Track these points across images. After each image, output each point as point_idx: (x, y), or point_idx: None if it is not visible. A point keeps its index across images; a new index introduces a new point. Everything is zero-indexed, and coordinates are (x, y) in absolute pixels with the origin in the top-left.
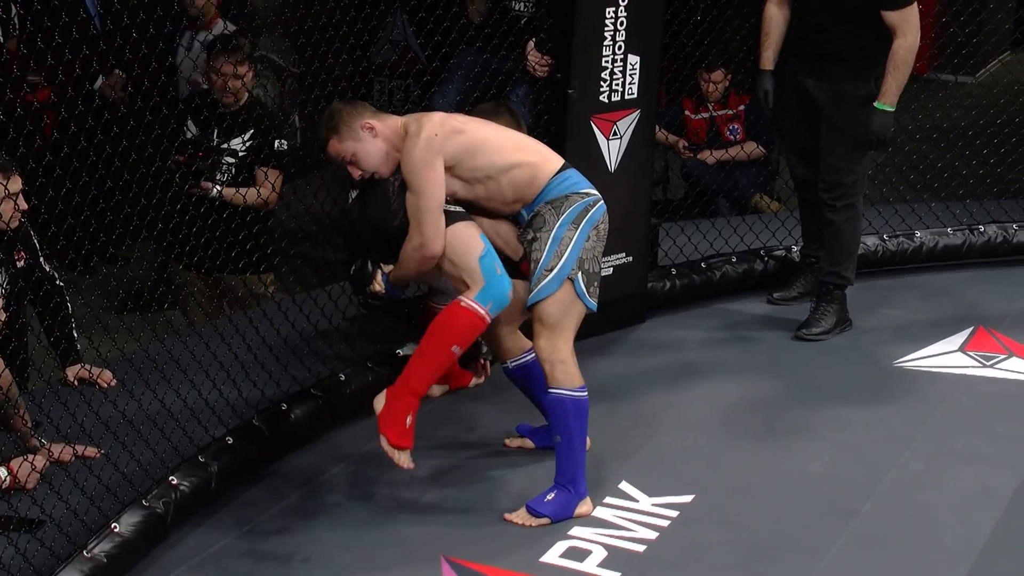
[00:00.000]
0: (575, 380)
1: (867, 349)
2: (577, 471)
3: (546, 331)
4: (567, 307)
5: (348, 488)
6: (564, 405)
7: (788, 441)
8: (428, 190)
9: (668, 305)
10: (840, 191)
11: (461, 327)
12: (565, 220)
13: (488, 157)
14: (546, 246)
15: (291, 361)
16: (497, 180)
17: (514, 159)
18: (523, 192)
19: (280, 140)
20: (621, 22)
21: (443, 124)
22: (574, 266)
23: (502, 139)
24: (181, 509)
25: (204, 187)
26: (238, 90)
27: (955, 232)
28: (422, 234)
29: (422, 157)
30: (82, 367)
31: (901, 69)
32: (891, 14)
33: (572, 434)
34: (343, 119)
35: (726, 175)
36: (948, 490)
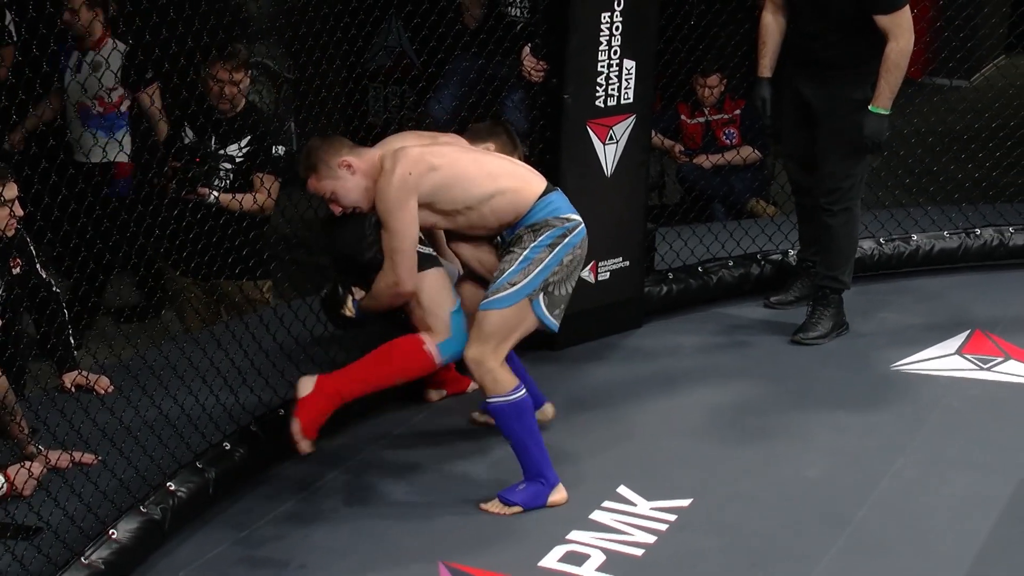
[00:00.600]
0: (507, 384)
1: (864, 353)
2: (540, 464)
3: (479, 340)
4: (512, 324)
5: (345, 494)
6: (503, 411)
7: (784, 446)
8: (402, 230)
9: (665, 310)
10: (837, 195)
11: (416, 366)
12: (542, 242)
13: (465, 189)
14: (516, 261)
15: (287, 367)
16: (478, 209)
17: (492, 188)
18: (504, 219)
19: (277, 146)
20: (616, 27)
21: (418, 162)
22: (537, 287)
23: (479, 168)
24: (179, 515)
25: (200, 193)
26: (234, 96)
27: (951, 236)
28: (396, 274)
29: (396, 196)
30: (79, 373)
31: (894, 72)
32: (883, 18)
33: (520, 435)
34: (320, 158)
35: (722, 180)
36: (943, 496)
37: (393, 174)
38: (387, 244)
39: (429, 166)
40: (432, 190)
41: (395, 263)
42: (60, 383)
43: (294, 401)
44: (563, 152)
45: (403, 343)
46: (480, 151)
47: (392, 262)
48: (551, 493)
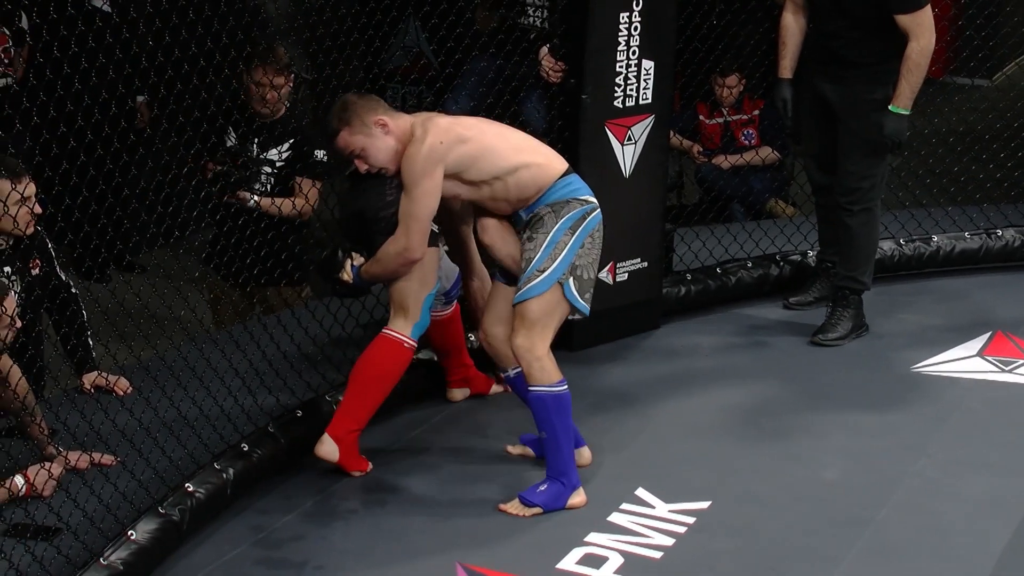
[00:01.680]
0: (553, 376)
1: (884, 354)
2: (566, 464)
3: (525, 329)
4: (551, 309)
5: (362, 495)
6: (544, 402)
7: (803, 448)
8: (423, 198)
9: (683, 310)
10: (857, 196)
11: (402, 363)
12: (563, 224)
13: (493, 161)
14: (541, 247)
15: (305, 368)
16: (504, 180)
17: (519, 160)
18: (527, 192)
19: (317, 151)
20: (635, 27)
21: (448, 131)
22: (566, 271)
23: (507, 140)
24: (197, 516)
25: (241, 197)
26: (275, 102)
27: (972, 236)
28: (408, 239)
29: (424, 164)
30: (98, 374)
31: (915, 72)
32: (904, 18)
33: (556, 430)
34: (356, 112)
35: (740, 180)
36: (964, 498)
37: (424, 142)
38: (405, 209)
39: (459, 137)
40: (460, 161)
41: (409, 229)
42: (79, 384)
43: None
44: (581, 152)
45: (382, 350)
46: (505, 126)
47: (407, 227)
48: (572, 495)
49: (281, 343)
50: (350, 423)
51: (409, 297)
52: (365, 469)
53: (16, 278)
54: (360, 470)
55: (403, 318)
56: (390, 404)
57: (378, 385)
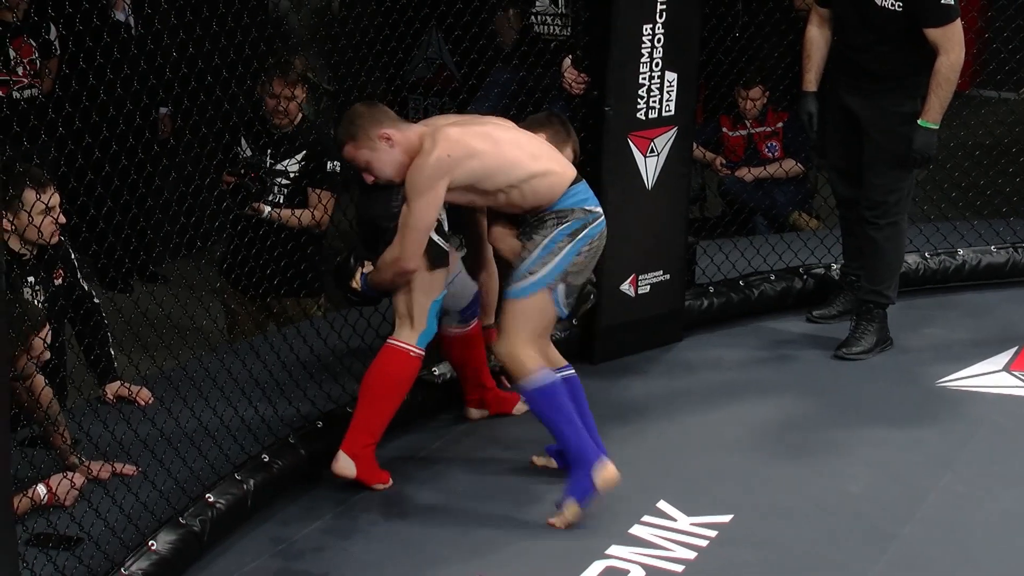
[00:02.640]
0: (534, 371)
1: (908, 369)
2: (579, 445)
3: (507, 333)
4: (535, 313)
5: (383, 507)
6: (533, 398)
7: (827, 462)
8: (422, 211)
9: (705, 324)
10: (882, 209)
11: (409, 373)
12: (563, 230)
13: (509, 172)
14: (537, 249)
15: (326, 379)
16: (520, 188)
17: (536, 168)
18: (540, 200)
19: (333, 162)
20: (658, 39)
21: (458, 143)
22: (556, 277)
23: (522, 148)
24: (217, 527)
25: (257, 209)
26: (292, 112)
27: (998, 250)
28: (403, 249)
29: (428, 177)
30: (121, 385)
31: (944, 87)
32: (934, 31)
33: (553, 419)
34: (361, 126)
35: (764, 193)
36: (990, 513)
37: (431, 155)
38: (403, 219)
39: (468, 152)
40: (471, 174)
41: (404, 239)
42: (102, 394)
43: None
44: (604, 164)
45: (389, 361)
46: (522, 131)
47: (402, 237)
48: (595, 473)
49: (300, 354)
50: (365, 437)
51: (413, 306)
52: (386, 481)
53: (40, 288)
54: (381, 482)
55: (408, 327)
56: (409, 417)
57: (388, 396)
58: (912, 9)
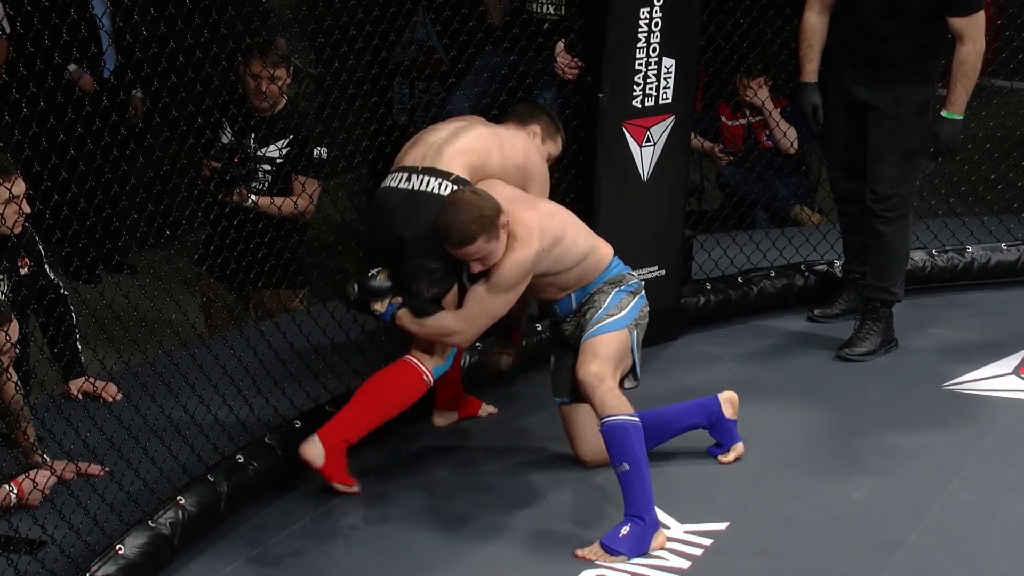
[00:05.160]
0: (628, 405)
1: (914, 371)
2: (647, 500)
3: (599, 361)
4: (620, 349)
5: (364, 511)
6: (627, 431)
7: (829, 467)
8: (509, 301)
9: (703, 321)
10: (892, 202)
11: (415, 395)
12: (623, 290)
13: (571, 256)
14: (605, 302)
15: (305, 376)
16: (577, 268)
17: (589, 245)
18: (586, 278)
19: (319, 148)
20: (655, 23)
21: (545, 233)
22: (633, 320)
23: (578, 226)
24: (189, 530)
25: (240, 195)
26: (274, 95)
27: (1009, 248)
28: (466, 330)
29: (527, 270)
30: (86, 380)
31: (970, 76)
32: (959, 20)
33: (639, 460)
34: (490, 216)
35: (764, 185)
36: (999, 522)
37: (531, 246)
38: (483, 303)
39: (555, 239)
40: (551, 263)
41: (474, 322)
42: (66, 390)
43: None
44: (598, 154)
45: (400, 375)
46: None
47: (471, 319)
48: (655, 536)
49: (279, 349)
50: (345, 432)
51: (439, 343)
52: (351, 485)
53: (3, 277)
54: (345, 485)
55: (430, 356)
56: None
57: (386, 406)
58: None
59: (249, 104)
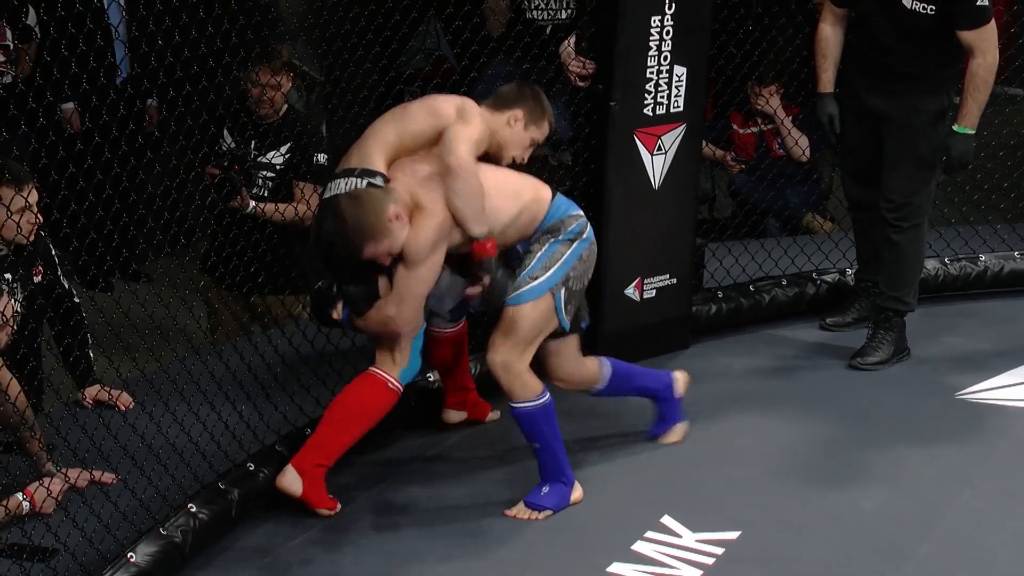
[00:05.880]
0: (535, 389)
1: (927, 380)
2: (561, 464)
3: (509, 343)
4: (539, 321)
5: (374, 519)
6: (534, 417)
7: (840, 477)
8: (425, 275)
9: (714, 330)
10: (907, 211)
11: (384, 406)
12: (561, 239)
13: (497, 218)
14: (535, 257)
15: (314, 384)
16: (505, 232)
17: (519, 206)
18: (526, 232)
19: (319, 154)
20: (667, 31)
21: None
22: (558, 281)
23: (504, 189)
24: (199, 538)
25: (242, 199)
26: (276, 102)
27: (1022, 256)
28: (400, 313)
29: (433, 241)
30: (100, 388)
31: (982, 89)
32: (968, 34)
33: (547, 438)
34: (372, 223)
35: (776, 193)
36: (1012, 532)
37: (431, 221)
38: (404, 284)
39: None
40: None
41: (404, 303)
42: (80, 398)
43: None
44: (609, 163)
45: (364, 388)
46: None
47: (401, 300)
48: (572, 492)
49: (287, 356)
50: (318, 457)
51: (397, 343)
52: (333, 508)
53: (18, 285)
54: (328, 508)
55: (389, 361)
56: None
57: (353, 422)
58: (946, 11)
59: (251, 111)
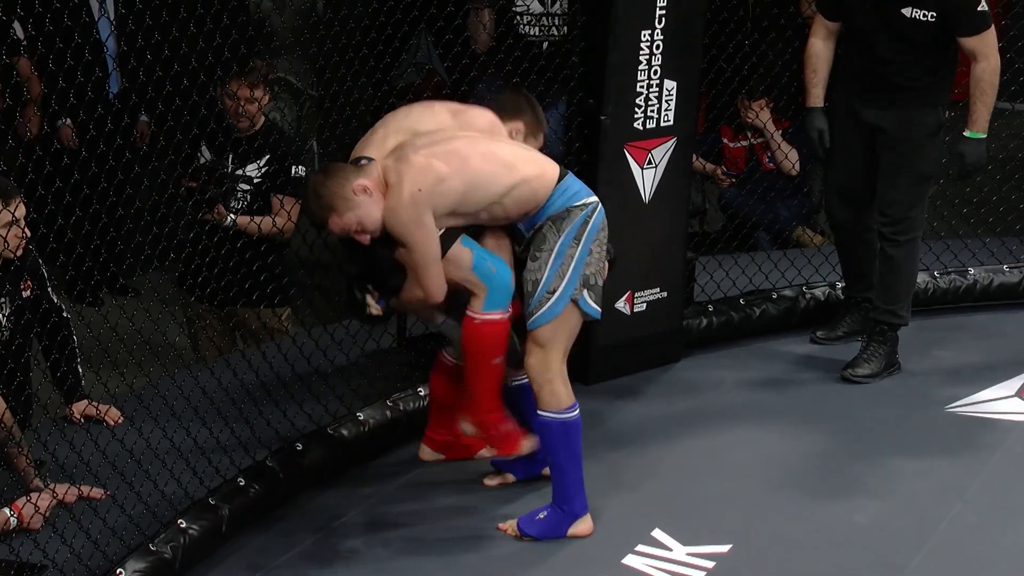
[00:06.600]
0: (563, 400)
1: (917, 393)
2: (570, 491)
3: (539, 350)
4: (565, 327)
5: (365, 533)
6: (551, 428)
7: (832, 490)
8: (422, 245)
9: (705, 344)
10: (904, 225)
11: (487, 341)
12: (567, 238)
13: (486, 189)
14: (547, 266)
15: (306, 399)
16: (501, 203)
17: (513, 179)
18: (527, 207)
19: (297, 166)
20: (657, 45)
21: (425, 172)
22: (577, 285)
23: (492, 161)
24: (190, 554)
25: (218, 214)
26: (253, 114)
27: (1011, 270)
28: (425, 288)
29: (409, 216)
30: (88, 403)
31: (989, 93)
32: (969, 40)
33: (560, 457)
34: (334, 192)
35: (767, 207)
36: (1002, 545)
37: (401, 192)
38: (409, 262)
39: (437, 178)
40: (446, 202)
41: (421, 278)
42: (68, 413)
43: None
44: (600, 176)
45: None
46: (493, 139)
47: (418, 277)
48: (574, 524)
49: (280, 370)
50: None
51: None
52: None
53: (6, 300)
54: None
55: (475, 297)
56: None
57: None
58: (947, 19)
59: (228, 123)
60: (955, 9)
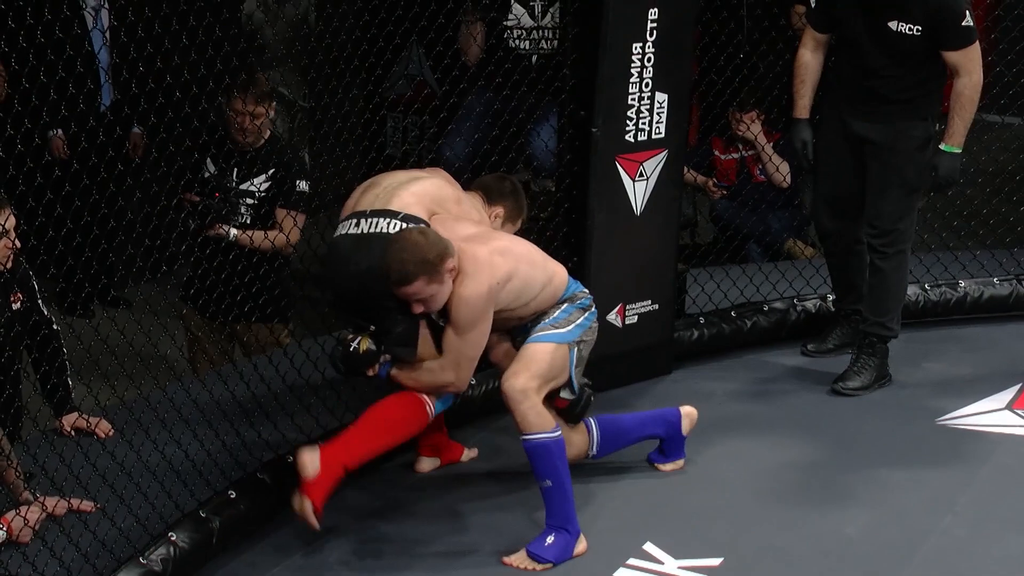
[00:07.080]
0: (551, 421)
1: (908, 405)
2: (568, 511)
3: (528, 374)
4: (557, 366)
5: (356, 545)
6: (549, 449)
7: (823, 502)
8: (478, 340)
9: (696, 356)
10: (893, 237)
11: (417, 427)
12: (574, 305)
13: (532, 287)
14: (553, 314)
15: (297, 411)
16: (536, 300)
17: (545, 277)
18: (543, 306)
19: (300, 181)
20: (648, 58)
21: (496, 267)
22: (577, 338)
23: (535, 260)
24: (180, 567)
25: (218, 230)
26: (256, 129)
27: (1001, 282)
28: (458, 376)
29: (483, 308)
30: (78, 416)
31: (968, 108)
32: (954, 54)
33: (561, 476)
34: (434, 263)
35: (758, 219)
36: (992, 557)
37: (479, 282)
38: (458, 349)
39: (507, 275)
40: (507, 299)
41: (460, 367)
42: (58, 425)
43: (298, 479)
44: (591, 188)
45: (403, 405)
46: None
47: (457, 365)
48: (577, 544)
49: (271, 384)
50: (342, 456)
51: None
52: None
53: None
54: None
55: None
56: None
57: (388, 436)
58: (933, 33)
59: (233, 138)
60: (940, 23)
